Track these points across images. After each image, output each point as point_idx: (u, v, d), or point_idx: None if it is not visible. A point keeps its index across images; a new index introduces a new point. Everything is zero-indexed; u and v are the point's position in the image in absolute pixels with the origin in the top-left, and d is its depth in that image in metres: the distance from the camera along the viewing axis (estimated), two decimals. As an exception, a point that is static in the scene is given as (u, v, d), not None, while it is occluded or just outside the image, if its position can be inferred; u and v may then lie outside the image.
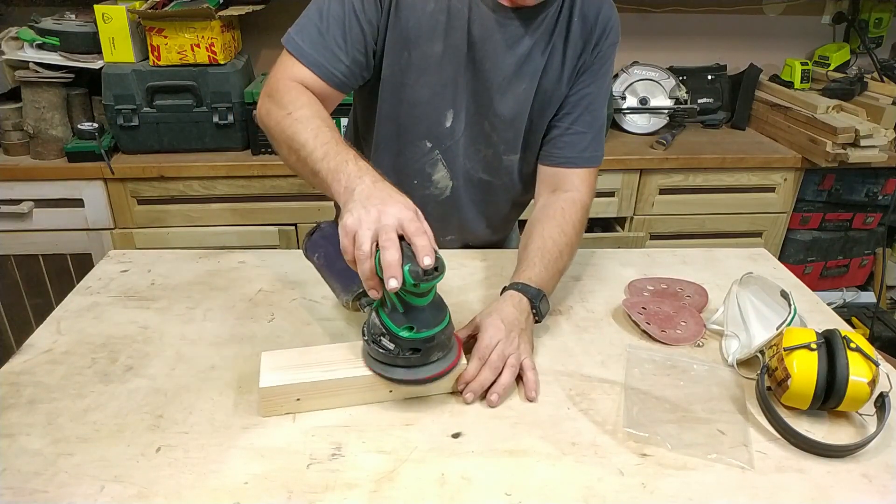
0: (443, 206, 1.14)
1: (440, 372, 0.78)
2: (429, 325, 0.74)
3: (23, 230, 1.84)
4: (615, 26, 1.04)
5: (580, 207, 1.04)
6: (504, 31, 0.97)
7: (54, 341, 0.90)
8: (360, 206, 0.73)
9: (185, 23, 1.75)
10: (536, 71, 1.01)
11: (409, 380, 0.77)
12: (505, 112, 1.04)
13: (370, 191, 0.75)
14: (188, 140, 1.87)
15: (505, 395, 0.81)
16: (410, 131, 1.06)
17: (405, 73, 1.00)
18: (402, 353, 0.75)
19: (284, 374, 0.77)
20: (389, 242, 0.69)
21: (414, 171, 1.09)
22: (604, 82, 1.07)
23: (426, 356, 0.76)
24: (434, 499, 0.67)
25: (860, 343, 0.78)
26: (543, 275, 0.94)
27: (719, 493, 0.69)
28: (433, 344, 0.75)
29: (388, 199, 0.73)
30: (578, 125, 1.06)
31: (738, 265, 1.17)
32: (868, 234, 2.22)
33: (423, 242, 0.70)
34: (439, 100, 1.02)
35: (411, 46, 0.97)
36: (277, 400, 0.77)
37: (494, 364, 0.81)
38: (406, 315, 0.74)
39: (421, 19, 0.96)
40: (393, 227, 0.70)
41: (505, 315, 0.86)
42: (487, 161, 1.10)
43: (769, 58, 2.39)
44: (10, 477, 0.68)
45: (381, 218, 0.71)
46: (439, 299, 0.77)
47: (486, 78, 1.01)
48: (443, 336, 0.76)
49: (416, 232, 0.70)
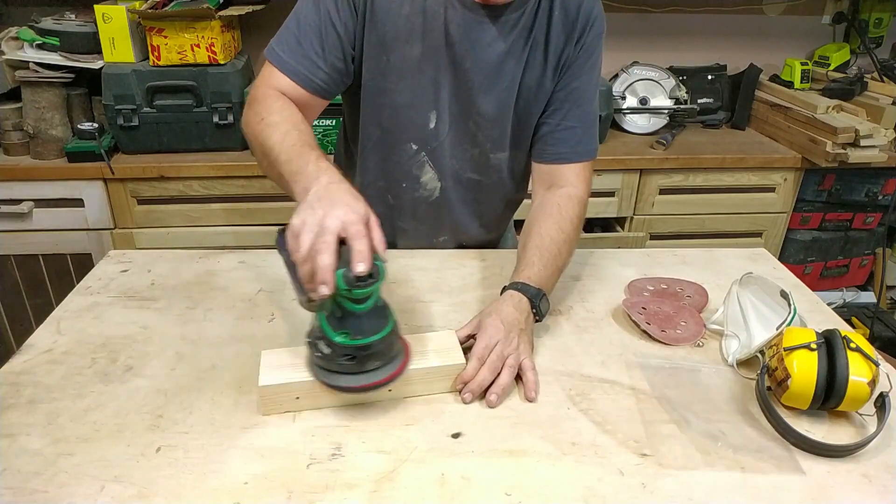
0: (433, 207, 1.13)
1: (374, 382, 0.75)
2: (365, 333, 0.72)
3: (23, 230, 1.84)
4: (599, 16, 1.02)
5: (577, 203, 1.04)
6: (481, 29, 0.97)
7: (54, 341, 0.90)
8: (308, 207, 0.72)
9: (185, 23, 1.75)
10: (518, 68, 1.01)
11: (339, 386, 0.75)
12: (488, 110, 1.03)
13: (322, 192, 0.74)
14: (188, 140, 1.87)
15: (504, 395, 0.81)
16: (395, 134, 1.05)
17: (385, 78, 1.00)
18: (336, 358, 0.73)
19: (284, 373, 0.77)
20: (324, 246, 0.68)
21: (401, 174, 1.09)
22: (591, 75, 1.05)
23: (361, 364, 0.73)
24: (434, 499, 0.67)
25: (860, 343, 0.78)
26: (543, 273, 0.94)
27: (719, 493, 0.69)
28: (369, 353, 0.73)
29: (337, 201, 0.72)
30: (569, 120, 1.05)
31: (738, 265, 1.17)
32: (868, 234, 2.22)
33: (360, 247, 0.68)
34: (421, 102, 1.02)
35: (389, 50, 0.97)
36: (277, 398, 0.77)
37: (493, 364, 0.81)
38: (343, 321, 0.72)
39: (397, 23, 0.95)
40: (333, 230, 0.69)
41: (504, 315, 0.86)
42: (475, 160, 1.10)
43: (769, 58, 2.39)
44: (10, 477, 0.68)
45: (324, 220, 0.70)
46: (382, 308, 0.75)
47: (467, 77, 1.00)
48: (381, 345, 0.73)
49: (356, 235, 0.69)
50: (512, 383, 0.83)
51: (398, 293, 1.05)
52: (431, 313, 1.00)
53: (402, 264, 1.13)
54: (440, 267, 1.13)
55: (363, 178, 1.13)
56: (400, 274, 1.10)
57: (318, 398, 0.78)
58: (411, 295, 1.04)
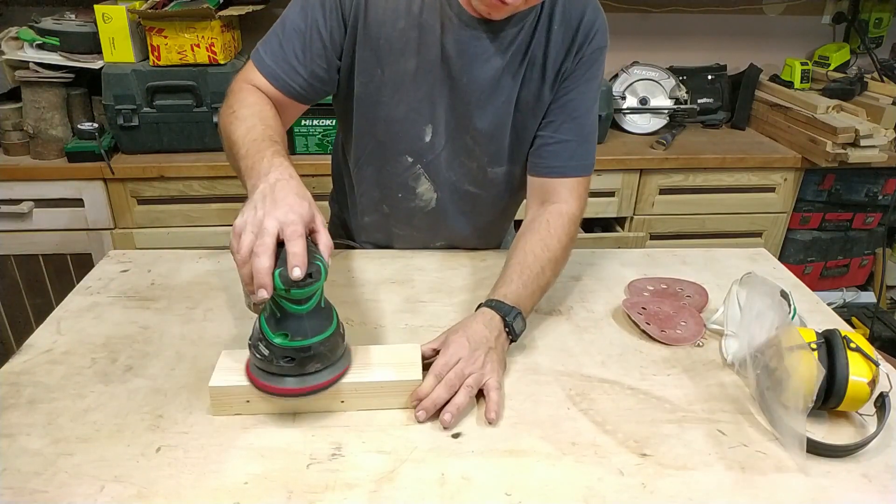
0: (429, 216, 1.12)
1: (313, 386, 0.73)
2: (305, 335, 0.71)
3: (23, 230, 1.84)
4: (601, 30, 0.99)
5: (567, 220, 1.00)
6: (478, 44, 0.95)
7: (54, 341, 0.90)
8: (251, 206, 0.71)
9: (185, 23, 1.75)
10: (514, 84, 0.99)
11: (278, 389, 0.73)
12: (485, 126, 1.02)
13: (268, 191, 0.72)
14: (188, 140, 1.87)
15: (459, 415, 0.77)
16: (390, 147, 1.04)
17: (380, 91, 0.99)
18: (275, 360, 0.71)
19: (236, 375, 0.76)
20: (262, 248, 0.67)
21: (397, 184, 1.08)
22: (588, 88, 1.01)
23: (301, 366, 0.72)
24: (434, 499, 0.67)
25: (860, 343, 0.78)
26: (521, 292, 0.91)
27: (719, 493, 0.69)
28: (309, 354, 0.71)
29: (279, 201, 0.70)
30: (562, 133, 1.02)
31: (738, 265, 1.17)
32: (868, 234, 2.22)
33: (294, 249, 0.67)
34: (416, 116, 1.01)
35: (384, 64, 0.96)
36: (227, 400, 0.76)
37: (450, 382, 0.78)
38: (282, 321, 0.71)
39: (391, 36, 0.94)
40: (272, 231, 0.68)
41: (472, 333, 0.83)
42: (472, 174, 1.08)
43: (769, 58, 2.39)
44: (10, 477, 0.68)
45: (263, 221, 0.68)
46: (327, 309, 0.74)
47: (463, 92, 0.99)
48: (322, 347, 0.72)
49: (291, 237, 0.68)
50: (470, 403, 0.79)
51: (398, 293, 1.05)
52: (431, 313, 1.00)
53: (402, 264, 1.13)
54: (440, 267, 1.13)
55: (359, 186, 1.12)
56: (400, 274, 1.10)
57: (268, 402, 0.76)
58: (411, 295, 1.04)
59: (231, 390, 0.76)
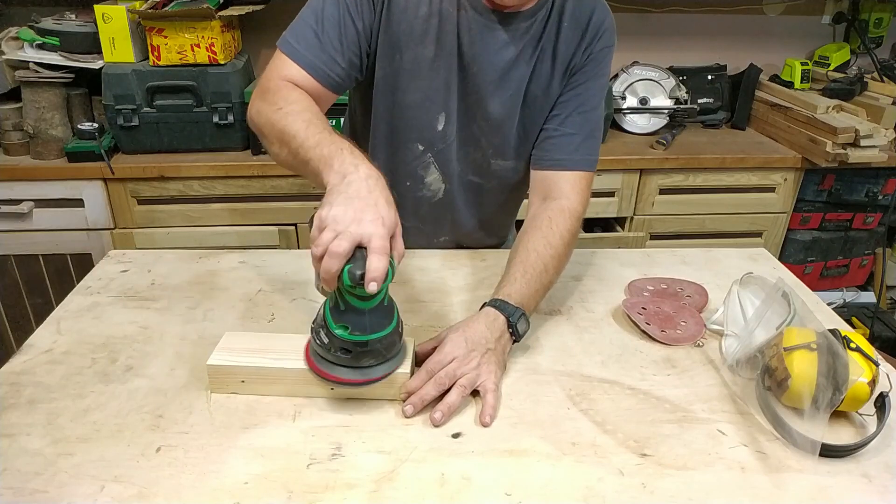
0: (436, 207, 1.13)
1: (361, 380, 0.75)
2: (364, 330, 0.72)
3: (23, 230, 1.84)
4: (609, 29, 1.02)
5: (570, 216, 0.99)
6: (491, 35, 0.97)
7: (54, 341, 0.90)
8: (343, 203, 0.71)
9: (185, 23, 1.75)
10: (524, 76, 1.00)
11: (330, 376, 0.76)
12: (494, 115, 1.03)
13: (360, 189, 0.72)
14: (188, 140, 1.87)
15: (450, 413, 0.77)
16: (403, 134, 1.05)
17: (397, 77, 0.99)
18: (333, 349, 0.74)
19: (233, 356, 0.80)
20: (337, 250, 0.67)
21: (406, 173, 1.09)
22: (596, 84, 1.03)
23: (356, 359, 0.74)
24: (434, 499, 0.67)
25: (860, 343, 0.78)
26: (525, 291, 0.90)
27: (719, 493, 0.69)
28: (365, 349, 0.73)
29: (370, 207, 0.70)
30: (567, 126, 1.03)
31: (738, 265, 1.17)
32: (868, 234, 2.22)
33: (376, 265, 0.67)
34: (430, 103, 1.01)
35: (402, 50, 0.97)
36: (223, 378, 0.80)
37: (440, 380, 0.78)
38: (344, 314, 0.73)
39: (413, 23, 0.95)
40: (353, 240, 0.68)
41: (471, 333, 0.83)
42: (477, 164, 1.09)
43: (769, 58, 2.39)
44: (10, 477, 0.68)
45: (350, 226, 0.68)
46: (390, 307, 0.75)
47: (475, 81, 1.00)
48: (378, 345, 0.74)
49: (376, 250, 0.68)
50: (463, 403, 0.79)
51: (398, 293, 1.05)
52: (431, 313, 1.00)
53: (403, 264, 1.13)
54: (440, 267, 1.13)
55: None
56: (400, 274, 1.10)
57: (261, 385, 0.80)
58: (411, 295, 1.04)
59: (226, 370, 0.79)
